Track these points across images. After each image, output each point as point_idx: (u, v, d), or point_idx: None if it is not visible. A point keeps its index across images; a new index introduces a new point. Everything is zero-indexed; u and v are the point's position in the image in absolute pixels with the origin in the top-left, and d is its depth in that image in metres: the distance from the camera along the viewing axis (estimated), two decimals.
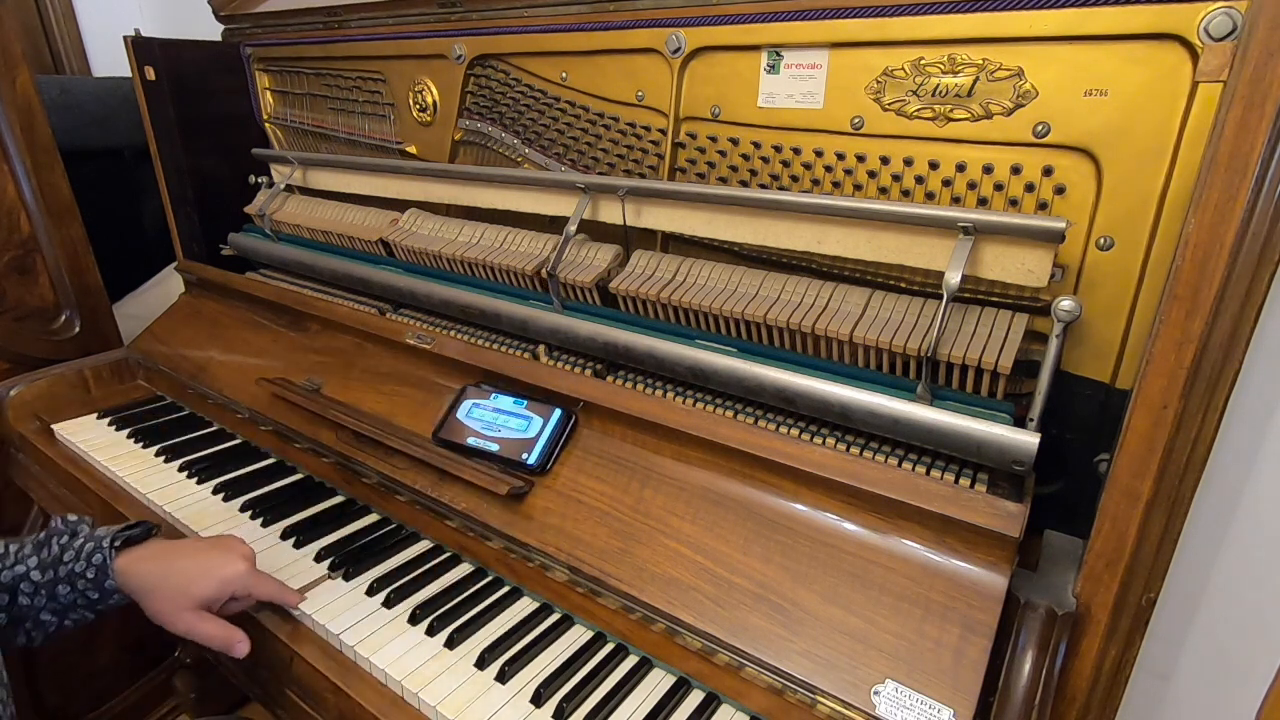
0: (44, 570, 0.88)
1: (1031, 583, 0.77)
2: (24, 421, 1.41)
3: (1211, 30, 0.70)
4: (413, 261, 1.34)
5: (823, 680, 0.72)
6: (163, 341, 1.54)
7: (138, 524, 0.94)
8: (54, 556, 0.89)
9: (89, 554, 0.88)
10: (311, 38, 1.51)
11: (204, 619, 0.86)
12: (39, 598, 0.88)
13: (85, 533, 0.91)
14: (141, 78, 1.49)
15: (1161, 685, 1.01)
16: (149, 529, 0.94)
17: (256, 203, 1.59)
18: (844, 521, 0.81)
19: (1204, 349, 0.63)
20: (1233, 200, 0.59)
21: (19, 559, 0.89)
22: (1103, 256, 0.81)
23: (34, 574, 0.88)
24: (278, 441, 1.27)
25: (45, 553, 0.89)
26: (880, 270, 0.94)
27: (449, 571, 1.01)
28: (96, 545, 0.88)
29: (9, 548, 0.90)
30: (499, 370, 1.08)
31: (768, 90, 0.98)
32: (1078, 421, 0.86)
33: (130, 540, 0.91)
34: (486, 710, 0.79)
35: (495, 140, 1.29)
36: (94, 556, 0.88)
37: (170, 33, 1.53)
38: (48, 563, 0.89)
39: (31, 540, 0.92)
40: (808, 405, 0.87)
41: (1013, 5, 0.79)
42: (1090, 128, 0.79)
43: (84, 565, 0.87)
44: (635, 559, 0.87)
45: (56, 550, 0.89)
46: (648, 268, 1.06)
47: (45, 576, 0.88)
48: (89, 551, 0.88)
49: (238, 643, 0.86)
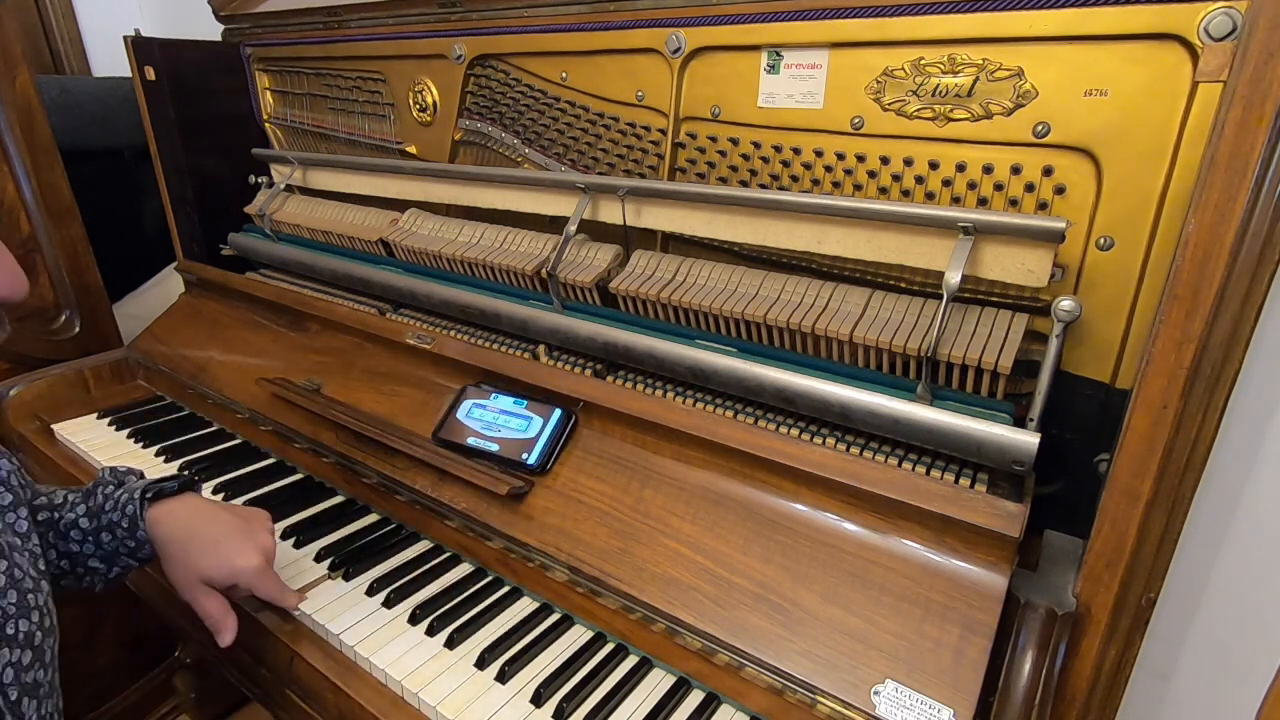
0: (90, 518, 0.91)
1: (1031, 583, 0.77)
2: (24, 421, 1.41)
3: (1211, 30, 0.70)
4: (413, 261, 1.34)
5: (823, 680, 0.72)
6: (163, 341, 1.54)
7: (174, 478, 0.95)
8: (98, 505, 0.91)
9: (124, 504, 0.89)
10: (311, 38, 1.51)
11: (208, 594, 0.87)
12: (87, 544, 0.91)
13: (129, 483, 0.93)
14: (141, 78, 1.49)
15: (1161, 685, 1.01)
16: (187, 482, 0.95)
17: (256, 203, 1.59)
18: (844, 521, 0.81)
19: (1204, 349, 0.63)
20: (1233, 200, 0.59)
21: (71, 506, 0.92)
22: (1103, 256, 0.81)
23: (82, 521, 0.90)
24: (278, 441, 1.27)
25: (92, 501, 0.92)
26: (880, 270, 0.94)
27: (449, 571, 1.01)
28: (130, 496, 0.90)
29: (67, 496, 0.93)
30: (499, 370, 1.08)
31: (768, 90, 0.98)
32: (1078, 421, 0.86)
33: (163, 493, 0.91)
34: (486, 710, 0.79)
35: (495, 140, 1.29)
36: (127, 507, 0.89)
37: (170, 33, 1.53)
38: (94, 511, 0.91)
39: (83, 489, 0.94)
40: (808, 405, 0.87)
41: (1013, 5, 0.79)
42: (1090, 128, 0.79)
43: (119, 515, 0.89)
44: (635, 559, 0.87)
45: (100, 499, 0.91)
46: (648, 268, 1.06)
47: (91, 524, 0.90)
48: (124, 502, 0.90)
49: (225, 630, 0.86)
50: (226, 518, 0.92)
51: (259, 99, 1.68)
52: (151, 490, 0.91)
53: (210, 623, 0.86)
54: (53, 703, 0.77)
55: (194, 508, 0.92)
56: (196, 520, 0.90)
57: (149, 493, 0.90)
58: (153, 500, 0.90)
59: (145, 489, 0.90)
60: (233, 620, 0.87)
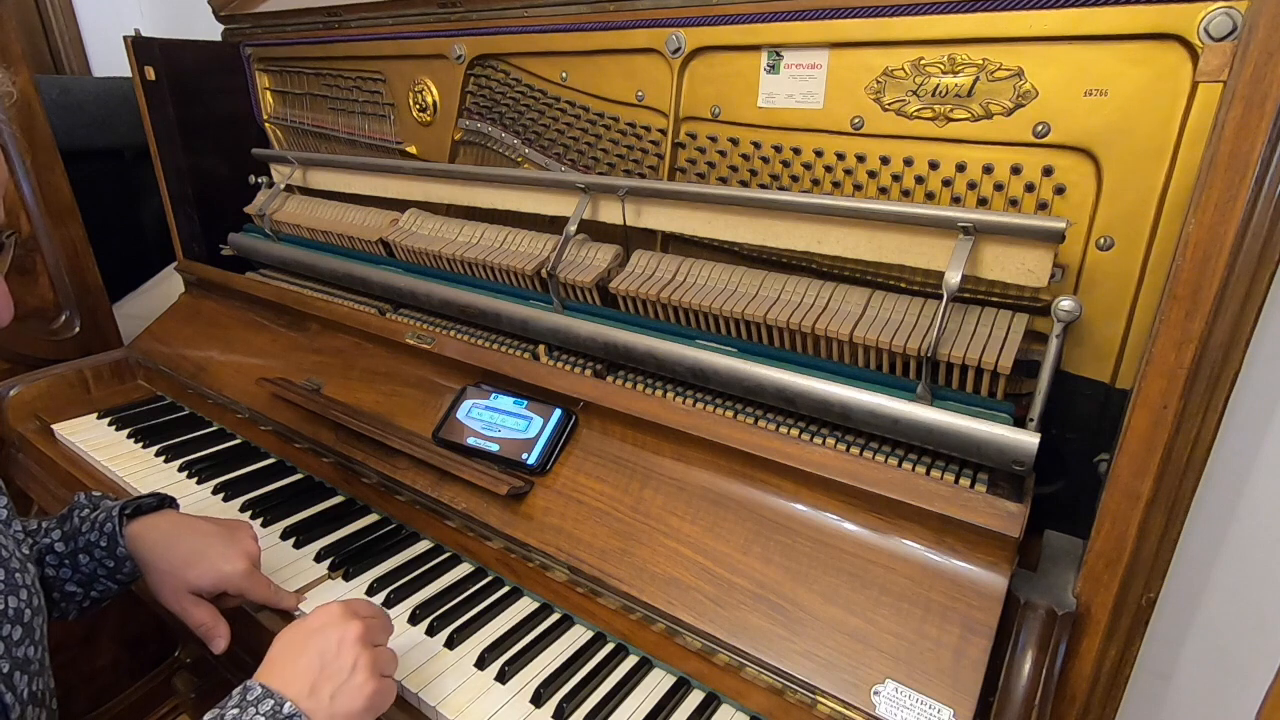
0: (66, 541, 0.90)
1: (1031, 583, 0.77)
2: (24, 421, 1.41)
3: (1211, 30, 0.70)
4: (413, 261, 1.34)
5: (823, 680, 0.72)
6: (163, 341, 1.54)
7: (152, 495, 0.94)
8: (74, 528, 0.91)
9: (101, 523, 0.89)
10: (311, 38, 1.51)
11: (197, 604, 0.86)
12: (63, 569, 0.90)
13: (105, 504, 0.93)
14: (141, 78, 1.49)
15: (1161, 685, 1.01)
16: (163, 499, 0.95)
17: (256, 203, 1.59)
18: (844, 521, 0.81)
19: (1204, 349, 0.63)
20: (1233, 200, 0.59)
21: (45, 532, 0.92)
22: (1103, 256, 0.81)
23: (57, 545, 0.90)
24: (278, 441, 1.27)
25: (67, 525, 0.91)
26: (880, 270, 0.94)
27: (449, 571, 1.01)
28: (108, 514, 0.89)
29: (41, 524, 0.93)
30: (499, 370, 1.08)
31: (768, 90, 0.98)
32: (1078, 421, 0.86)
33: (142, 509, 0.91)
34: (486, 710, 0.79)
35: (495, 140, 1.29)
36: (105, 526, 0.89)
37: (170, 33, 1.53)
38: (69, 534, 0.90)
39: (58, 516, 0.94)
40: (808, 405, 0.87)
41: (1013, 5, 0.79)
42: (1090, 128, 0.79)
43: (98, 535, 0.89)
44: (635, 559, 0.87)
45: (76, 523, 0.91)
46: (648, 268, 1.06)
47: (67, 547, 0.90)
48: (101, 521, 0.89)
49: (218, 638, 0.85)
50: (208, 527, 0.91)
51: (259, 99, 1.68)
52: (130, 507, 0.90)
53: (202, 632, 0.85)
54: (44, 681, 0.77)
55: (174, 521, 0.92)
56: (177, 532, 0.90)
57: (127, 509, 0.90)
58: (131, 516, 0.90)
59: (123, 506, 0.90)
60: (224, 628, 0.86)
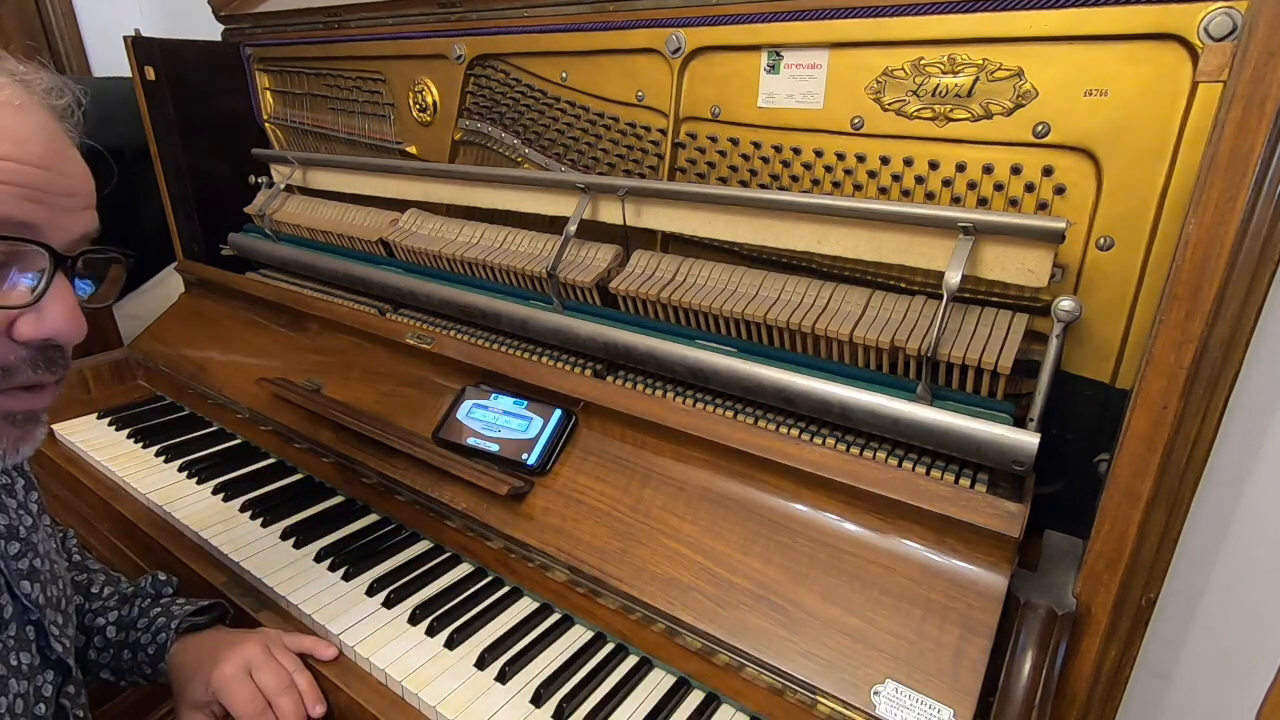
0: (119, 629, 0.89)
1: (1031, 583, 0.77)
2: None
3: (1211, 30, 0.70)
4: (413, 261, 1.34)
5: (823, 680, 0.72)
6: (163, 341, 1.54)
7: (211, 605, 0.92)
8: (130, 618, 0.89)
9: (156, 631, 0.87)
10: (311, 38, 1.51)
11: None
12: (105, 655, 0.89)
13: (165, 602, 0.91)
14: (141, 78, 1.49)
15: (1161, 685, 1.01)
16: (220, 616, 0.92)
17: (256, 203, 1.59)
18: (844, 521, 0.81)
19: (1204, 349, 0.63)
20: (1233, 200, 0.59)
21: (104, 608, 0.90)
22: (1103, 256, 0.81)
23: (109, 629, 0.89)
24: (278, 441, 1.27)
25: (126, 610, 0.90)
26: (880, 270, 0.94)
27: (449, 572, 1.01)
28: (165, 625, 0.87)
29: (104, 589, 0.91)
30: (499, 370, 1.08)
31: (768, 90, 0.98)
32: (1078, 421, 0.86)
33: (196, 627, 0.88)
34: (487, 710, 0.78)
35: (495, 140, 1.29)
36: (159, 635, 0.87)
37: (170, 33, 1.53)
38: (124, 623, 0.89)
39: (119, 591, 0.92)
40: (808, 405, 0.87)
41: (1013, 5, 0.79)
42: (1090, 128, 0.79)
43: (149, 639, 0.87)
44: (635, 559, 0.87)
45: (135, 613, 0.90)
46: (648, 268, 1.06)
47: (118, 636, 0.89)
48: (158, 628, 0.87)
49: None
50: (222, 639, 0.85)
51: (259, 99, 1.68)
52: (187, 623, 0.87)
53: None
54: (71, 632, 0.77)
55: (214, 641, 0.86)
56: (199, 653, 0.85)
57: (183, 625, 0.87)
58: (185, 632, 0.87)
59: (181, 621, 0.87)
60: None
